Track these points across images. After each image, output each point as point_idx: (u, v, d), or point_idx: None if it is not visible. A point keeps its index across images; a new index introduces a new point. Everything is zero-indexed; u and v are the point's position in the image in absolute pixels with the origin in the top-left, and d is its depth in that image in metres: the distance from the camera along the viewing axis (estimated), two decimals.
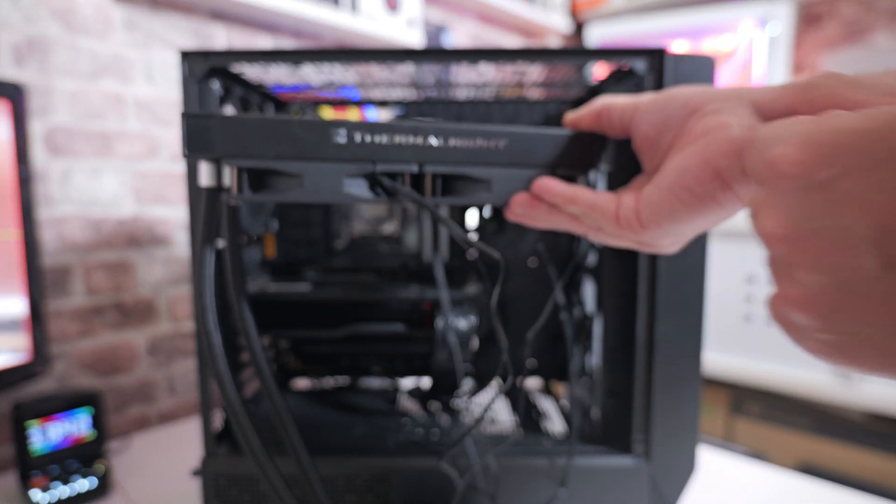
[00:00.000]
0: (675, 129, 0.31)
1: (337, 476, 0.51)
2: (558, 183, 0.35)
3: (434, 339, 0.57)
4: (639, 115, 0.33)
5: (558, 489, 0.51)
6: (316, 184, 0.35)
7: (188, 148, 0.35)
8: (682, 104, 0.30)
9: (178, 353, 0.94)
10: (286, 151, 0.34)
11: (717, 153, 0.27)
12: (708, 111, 0.29)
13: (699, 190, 0.28)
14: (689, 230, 0.32)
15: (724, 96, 0.29)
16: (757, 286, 1.20)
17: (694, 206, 0.29)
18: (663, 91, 0.33)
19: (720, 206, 0.29)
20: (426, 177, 0.36)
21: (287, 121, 0.34)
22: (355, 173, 0.35)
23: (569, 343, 0.60)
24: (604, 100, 0.36)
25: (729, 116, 0.28)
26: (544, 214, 0.36)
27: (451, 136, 0.35)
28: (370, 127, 0.35)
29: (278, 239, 0.68)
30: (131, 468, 0.72)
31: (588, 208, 0.33)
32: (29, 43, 0.75)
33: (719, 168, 0.28)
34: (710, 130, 0.28)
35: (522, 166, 0.36)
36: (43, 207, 0.77)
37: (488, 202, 0.36)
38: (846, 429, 1.15)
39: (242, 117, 0.35)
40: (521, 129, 0.36)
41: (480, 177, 0.36)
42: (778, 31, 1.41)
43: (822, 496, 0.66)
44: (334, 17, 1.02)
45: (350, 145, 0.35)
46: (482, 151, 0.35)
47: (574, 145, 0.36)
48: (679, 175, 0.29)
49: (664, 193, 0.30)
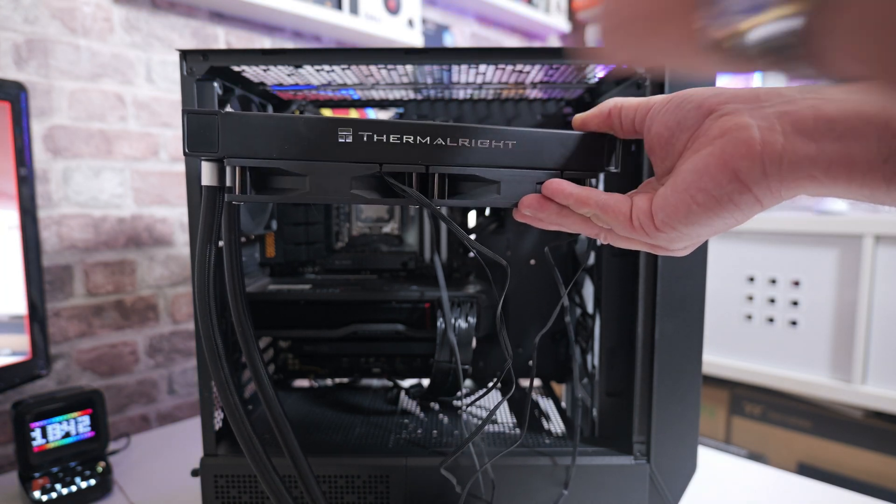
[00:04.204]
0: (690, 131, 0.30)
1: (337, 476, 0.51)
2: (569, 184, 0.34)
3: (434, 339, 0.57)
4: (651, 116, 0.33)
5: (562, 491, 0.51)
6: (321, 184, 0.34)
7: (189, 146, 0.34)
8: (697, 105, 0.30)
9: (178, 353, 0.94)
10: (291, 151, 0.33)
11: (736, 155, 0.27)
12: (725, 112, 0.28)
13: (717, 192, 0.28)
14: (705, 232, 0.31)
15: (741, 97, 0.29)
16: (757, 286, 1.20)
17: (711, 208, 0.29)
18: (678, 92, 0.32)
19: (738, 209, 0.28)
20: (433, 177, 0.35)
21: (292, 119, 0.33)
22: (361, 174, 0.34)
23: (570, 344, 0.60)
24: (614, 100, 0.35)
25: (747, 117, 0.27)
26: (554, 216, 0.35)
27: (460, 136, 0.34)
28: (377, 126, 0.34)
29: (278, 239, 0.68)
30: (131, 468, 0.72)
31: (600, 210, 0.33)
32: (29, 43, 0.75)
33: (738, 170, 0.27)
34: (727, 131, 0.28)
35: (531, 167, 0.35)
36: (43, 207, 0.77)
37: (497, 204, 0.36)
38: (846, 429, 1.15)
39: (246, 115, 0.34)
40: (531, 130, 0.35)
41: (489, 178, 0.35)
42: None
43: (822, 496, 0.66)
44: (334, 17, 1.02)
45: (356, 145, 0.34)
46: (491, 152, 0.35)
47: (583, 146, 0.36)
48: (696, 176, 0.28)
49: (680, 195, 0.29)
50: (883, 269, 1.03)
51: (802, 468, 1.21)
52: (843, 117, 0.25)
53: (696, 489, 0.64)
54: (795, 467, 1.22)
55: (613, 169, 0.37)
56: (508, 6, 1.43)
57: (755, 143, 0.27)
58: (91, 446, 0.66)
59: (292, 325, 0.61)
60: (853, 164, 0.25)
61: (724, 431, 1.35)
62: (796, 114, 0.26)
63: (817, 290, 1.12)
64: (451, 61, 0.48)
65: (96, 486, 0.64)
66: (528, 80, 0.57)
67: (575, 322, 0.67)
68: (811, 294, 1.13)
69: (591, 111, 0.36)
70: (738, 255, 1.22)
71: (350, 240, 0.70)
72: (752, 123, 0.27)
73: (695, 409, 0.51)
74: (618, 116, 0.35)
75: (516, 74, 0.54)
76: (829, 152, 0.25)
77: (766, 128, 0.27)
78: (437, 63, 0.48)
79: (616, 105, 0.35)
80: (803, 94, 0.27)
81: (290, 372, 0.72)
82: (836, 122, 0.25)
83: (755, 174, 0.27)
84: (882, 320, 1.04)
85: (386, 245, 0.70)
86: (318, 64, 0.48)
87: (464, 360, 0.56)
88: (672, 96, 0.32)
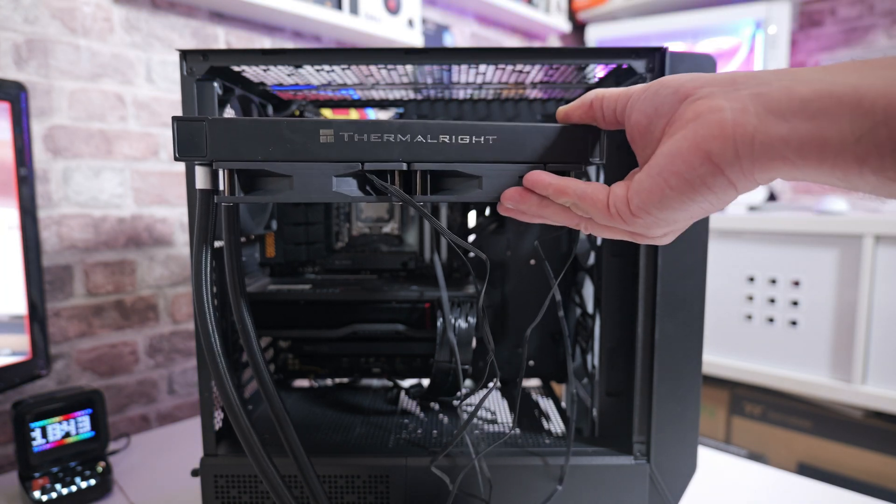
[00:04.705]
0: (667, 117, 0.30)
1: (337, 476, 0.51)
2: (548, 175, 0.35)
3: (434, 339, 0.57)
4: (631, 105, 0.33)
5: (556, 487, 0.51)
6: (305, 184, 0.35)
7: (180, 152, 0.35)
8: (673, 91, 0.30)
9: (178, 353, 0.94)
10: (275, 153, 0.35)
11: (708, 136, 0.27)
12: (699, 96, 0.28)
13: (690, 175, 0.28)
14: (682, 218, 0.31)
15: (717, 81, 0.28)
16: (757, 286, 1.20)
17: (685, 191, 0.29)
18: (656, 80, 0.32)
19: (711, 192, 0.28)
20: (415, 174, 0.36)
21: (275, 122, 0.35)
22: (344, 172, 0.36)
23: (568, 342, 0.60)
24: (596, 91, 0.35)
25: (721, 100, 0.27)
26: (535, 207, 0.36)
27: (439, 132, 0.35)
28: (358, 126, 0.35)
29: (278, 239, 0.68)
30: (131, 468, 0.72)
31: (578, 198, 0.33)
32: (29, 43, 0.75)
33: (710, 151, 0.27)
34: (700, 114, 0.28)
35: (513, 161, 0.36)
36: (43, 207, 0.77)
37: (480, 198, 0.36)
38: (846, 429, 1.15)
39: (232, 120, 0.36)
40: (511, 125, 0.36)
41: (470, 173, 0.36)
42: (777, 33, 1.41)
43: (822, 496, 0.66)
44: (334, 17, 1.02)
45: (338, 145, 0.35)
46: (471, 147, 0.36)
47: (566, 138, 0.36)
48: (669, 160, 0.29)
49: (654, 179, 0.29)
50: (883, 269, 1.03)
51: (802, 468, 1.21)
52: (816, 97, 0.25)
53: (696, 489, 0.64)
54: (795, 467, 1.22)
55: (598, 161, 0.37)
56: (508, 6, 1.43)
57: (727, 125, 0.27)
58: (91, 446, 0.66)
59: (292, 325, 0.61)
60: (825, 145, 0.25)
61: (724, 431, 1.35)
62: (769, 95, 0.26)
63: (817, 290, 1.12)
64: (451, 61, 0.48)
65: (96, 486, 0.64)
66: (528, 80, 0.57)
67: (574, 322, 0.67)
68: (811, 294, 1.13)
69: (573, 103, 0.36)
70: (738, 255, 1.22)
71: (350, 240, 0.70)
72: (724, 105, 0.27)
73: (695, 409, 0.51)
74: (600, 107, 0.35)
75: (516, 74, 0.54)
76: (801, 132, 0.25)
77: (738, 109, 0.27)
78: (437, 63, 0.48)
79: (598, 96, 0.35)
80: (778, 77, 0.27)
81: (290, 372, 0.72)
82: (809, 101, 0.25)
83: (727, 155, 0.27)
84: (882, 320, 1.04)
85: (386, 245, 0.70)
86: (318, 64, 0.48)
87: (464, 360, 0.56)
88: (650, 84, 0.32)
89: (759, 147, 0.26)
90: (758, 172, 0.27)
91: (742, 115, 0.26)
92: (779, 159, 0.26)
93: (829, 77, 0.25)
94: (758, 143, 0.26)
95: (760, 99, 0.26)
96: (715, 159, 0.27)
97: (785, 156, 0.26)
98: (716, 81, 0.28)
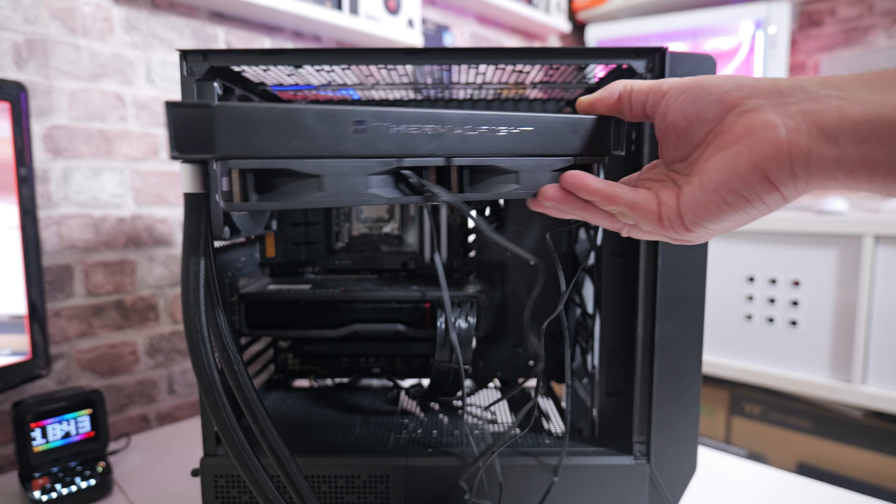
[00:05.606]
0: (710, 124, 0.30)
1: (337, 476, 0.51)
2: (593, 179, 0.33)
3: (434, 339, 0.57)
4: (666, 102, 0.32)
5: (552, 478, 0.51)
6: (337, 185, 0.29)
7: (178, 147, 0.27)
8: (718, 98, 0.29)
9: (177, 353, 0.94)
10: (300, 148, 0.28)
11: (766, 156, 0.27)
12: (748, 108, 0.28)
13: (747, 192, 0.28)
14: (730, 227, 0.31)
15: (763, 90, 0.28)
16: (757, 286, 1.20)
17: (741, 207, 0.29)
18: (694, 79, 0.31)
19: (765, 205, 0.29)
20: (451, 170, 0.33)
21: (300, 110, 0.28)
22: (379, 170, 0.30)
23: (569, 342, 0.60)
24: (623, 82, 0.34)
25: (772, 115, 0.27)
26: (579, 210, 0.34)
27: (479, 124, 0.32)
28: (394, 116, 0.30)
29: (278, 239, 0.68)
30: (131, 468, 0.72)
31: (629, 208, 0.32)
32: (29, 43, 0.75)
33: (768, 171, 0.27)
34: (753, 130, 0.28)
35: (547, 154, 0.34)
36: (43, 207, 0.77)
37: (517, 195, 0.34)
38: (845, 429, 1.15)
39: (245, 106, 0.28)
40: (545, 116, 0.33)
41: (508, 167, 0.33)
42: (777, 33, 1.41)
43: (822, 496, 0.66)
44: (334, 17, 1.02)
45: (373, 138, 0.29)
46: (508, 139, 0.33)
47: (593, 131, 0.34)
48: (726, 177, 0.28)
49: (710, 196, 0.29)
50: (883, 269, 1.04)
51: (802, 468, 1.21)
52: (867, 120, 0.25)
53: (696, 489, 0.64)
54: (795, 467, 1.22)
55: (619, 153, 0.36)
56: (508, 6, 1.43)
57: (783, 144, 0.27)
58: (91, 446, 0.66)
59: (292, 325, 0.61)
60: (875, 166, 0.25)
61: (724, 431, 1.35)
62: (821, 113, 0.26)
63: (817, 290, 1.12)
64: (451, 61, 0.48)
65: (96, 486, 0.64)
66: (528, 80, 0.57)
67: (574, 322, 0.67)
68: (811, 294, 1.13)
69: (598, 93, 0.35)
70: (738, 255, 1.22)
71: (350, 240, 0.70)
72: (778, 122, 0.27)
73: (695, 409, 0.51)
74: (628, 100, 0.34)
75: (516, 74, 0.54)
76: (852, 155, 0.26)
77: (792, 127, 0.27)
78: (437, 63, 0.48)
79: (626, 88, 0.34)
80: (826, 91, 0.27)
81: (290, 372, 0.72)
82: (861, 125, 0.25)
83: (784, 175, 0.27)
84: (882, 320, 1.04)
85: (386, 245, 0.70)
86: (318, 64, 0.48)
87: (464, 360, 0.56)
88: (689, 84, 0.31)
89: (814, 167, 0.27)
90: (809, 188, 0.28)
91: (796, 134, 0.27)
92: (830, 178, 0.27)
93: (877, 98, 0.25)
94: (812, 164, 0.27)
95: (812, 117, 0.26)
96: (772, 178, 0.27)
97: (836, 176, 0.27)
98: (762, 91, 0.28)
